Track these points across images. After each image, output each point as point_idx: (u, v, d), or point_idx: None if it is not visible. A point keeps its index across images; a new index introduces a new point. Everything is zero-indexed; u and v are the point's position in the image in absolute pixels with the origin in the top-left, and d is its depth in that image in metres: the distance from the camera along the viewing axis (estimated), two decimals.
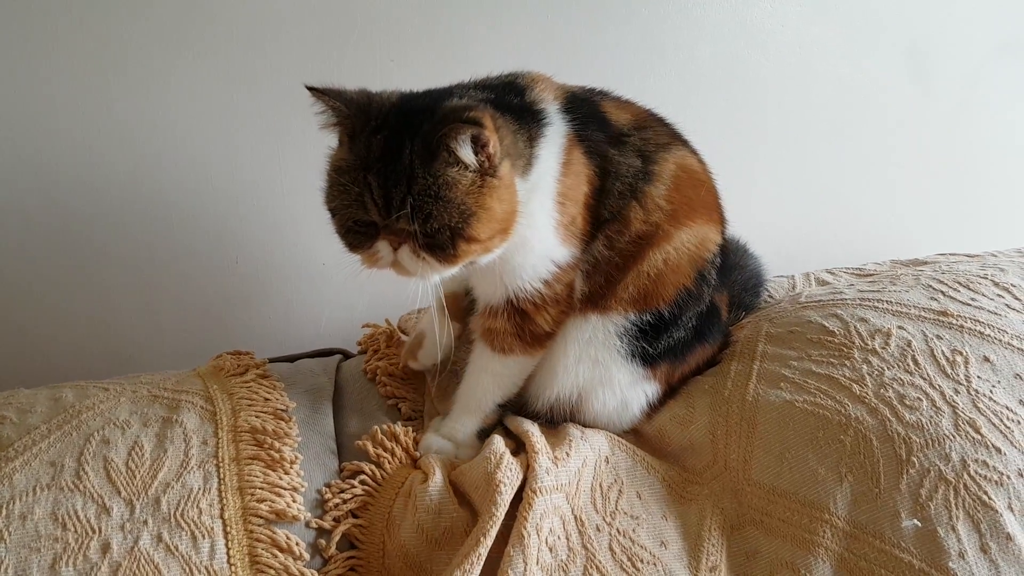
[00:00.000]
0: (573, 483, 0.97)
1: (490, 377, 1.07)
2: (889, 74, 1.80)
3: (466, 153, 0.88)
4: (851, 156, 1.81)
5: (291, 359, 1.27)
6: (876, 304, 1.12)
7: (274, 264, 1.56)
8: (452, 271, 0.94)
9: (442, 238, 0.89)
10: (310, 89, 0.93)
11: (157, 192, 1.47)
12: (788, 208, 1.81)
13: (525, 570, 0.88)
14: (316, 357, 1.28)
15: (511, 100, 0.99)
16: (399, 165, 0.88)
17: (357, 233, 0.93)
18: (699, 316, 1.09)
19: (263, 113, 1.47)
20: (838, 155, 1.80)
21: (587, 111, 1.04)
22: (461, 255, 0.91)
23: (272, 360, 1.23)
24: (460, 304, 1.16)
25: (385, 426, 1.06)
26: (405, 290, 1.40)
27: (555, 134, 0.99)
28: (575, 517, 0.96)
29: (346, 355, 1.32)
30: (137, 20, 1.38)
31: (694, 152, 1.12)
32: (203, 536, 0.87)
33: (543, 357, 1.06)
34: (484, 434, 1.07)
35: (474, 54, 1.52)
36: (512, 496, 0.94)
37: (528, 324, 1.03)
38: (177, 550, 0.85)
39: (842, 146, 1.80)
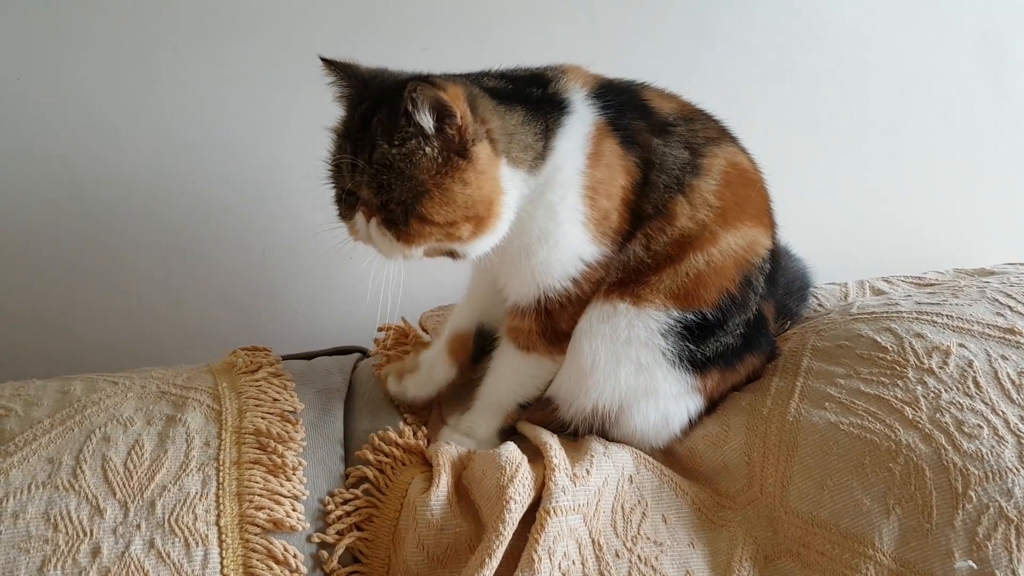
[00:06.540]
0: (592, 503, 0.91)
1: (512, 374, 1.03)
2: (957, 65, 1.67)
3: (424, 119, 0.85)
4: (913, 153, 1.70)
5: (309, 356, 1.22)
6: (935, 319, 1.03)
7: (301, 257, 1.53)
8: (412, 252, 0.92)
9: (397, 212, 0.88)
10: (323, 60, 0.94)
11: (184, 181, 1.45)
12: (843, 209, 1.70)
13: None
14: (335, 355, 1.24)
15: (530, 91, 0.96)
16: (368, 132, 0.89)
17: (344, 202, 0.94)
18: (747, 324, 1.01)
19: (292, 103, 1.43)
20: (899, 152, 1.69)
21: (624, 99, 0.99)
22: (415, 235, 0.89)
23: (289, 357, 1.18)
24: (466, 347, 1.10)
25: (389, 428, 1.01)
26: (434, 288, 1.35)
27: (577, 123, 0.95)
28: (592, 541, 0.89)
29: (365, 354, 1.27)
30: (166, 4, 1.36)
31: (744, 150, 1.05)
32: (197, 544, 0.83)
33: (570, 357, 0.99)
34: (505, 434, 1.03)
35: (509, 44, 1.45)
36: (523, 513, 0.87)
37: (552, 323, 0.99)
38: (169, 557, 0.81)
39: (904, 142, 1.69)
